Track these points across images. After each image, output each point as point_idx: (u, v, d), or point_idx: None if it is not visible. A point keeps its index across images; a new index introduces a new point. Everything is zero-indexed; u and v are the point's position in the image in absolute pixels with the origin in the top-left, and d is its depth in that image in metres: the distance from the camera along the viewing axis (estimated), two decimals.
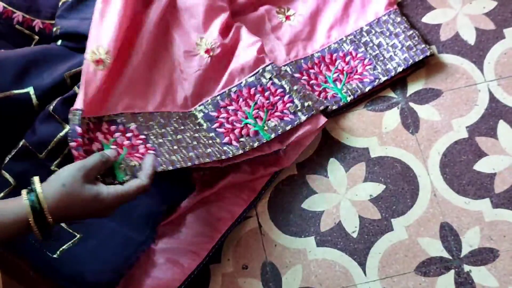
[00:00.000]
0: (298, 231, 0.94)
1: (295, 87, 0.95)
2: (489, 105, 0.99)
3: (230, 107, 0.95)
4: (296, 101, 0.95)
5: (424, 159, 0.97)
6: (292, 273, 0.92)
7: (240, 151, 0.91)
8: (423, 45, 1.01)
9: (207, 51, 0.97)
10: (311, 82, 1.02)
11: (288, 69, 1.02)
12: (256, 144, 0.92)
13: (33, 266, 0.81)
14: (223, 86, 0.97)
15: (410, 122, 0.99)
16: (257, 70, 0.96)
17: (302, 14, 1.08)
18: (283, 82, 0.96)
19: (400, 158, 0.97)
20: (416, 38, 1.02)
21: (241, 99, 0.96)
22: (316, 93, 1.01)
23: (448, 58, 1.03)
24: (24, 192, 0.66)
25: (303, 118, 0.94)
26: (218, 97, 0.96)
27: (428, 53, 1.00)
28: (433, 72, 1.02)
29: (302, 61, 1.03)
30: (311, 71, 1.03)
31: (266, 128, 0.94)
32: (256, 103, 0.96)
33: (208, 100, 0.96)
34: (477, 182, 0.94)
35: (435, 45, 1.04)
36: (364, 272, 0.91)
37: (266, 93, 0.96)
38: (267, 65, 0.96)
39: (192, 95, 0.96)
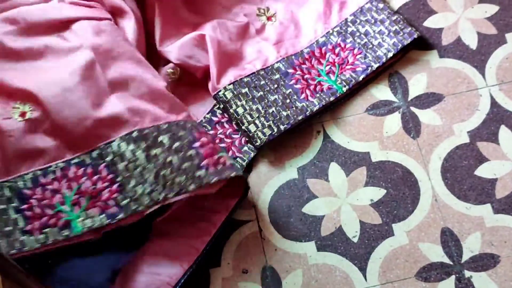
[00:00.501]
0: (298, 236, 0.94)
1: (128, 174, 0.83)
2: (491, 110, 0.99)
3: (49, 186, 0.84)
4: (119, 197, 0.83)
5: (425, 163, 0.96)
6: (292, 278, 0.91)
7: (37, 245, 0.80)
8: (409, 28, 1.02)
9: (21, 114, 0.86)
10: (305, 76, 1.02)
11: (281, 66, 1.02)
12: (61, 238, 0.81)
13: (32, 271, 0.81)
14: (50, 160, 0.84)
15: (411, 126, 0.99)
16: (92, 149, 0.85)
17: (283, 14, 1.08)
18: (120, 167, 0.84)
19: (401, 162, 0.97)
20: (402, 22, 1.03)
21: (64, 180, 0.84)
22: (312, 86, 1.01)
23: (449, 62, 1.03)
24: None
25: (121, 215, 0.82)
26: (39, 172, 0.84)
27: (415, 35, 1.02)
28: (435, 77, 1.02)
29: (293, 57, 1.04)
30: (303, 66, 1.03)
31: (81, 219, 0.82)
32: (79, 187, 0.84)
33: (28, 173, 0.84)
34: (478, 187, 0.94)
35: (437, 50, 1.04)
36: (365, 277, 0.90)
37: (94, 177, 0.84)
38: (107, 143, 0.84)
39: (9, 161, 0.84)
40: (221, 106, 1.00)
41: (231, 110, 0.99)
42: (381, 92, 1.02)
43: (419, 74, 1.03)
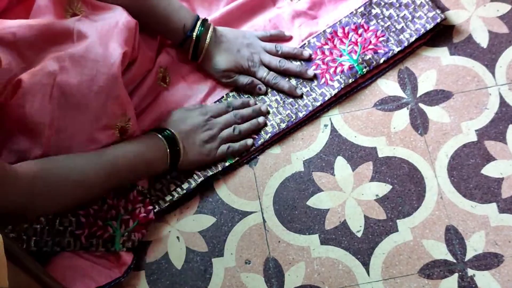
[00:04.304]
0: (302, 228, 0.94)
1: None
2: (499, 109, 0.98)
3: None
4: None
5: (432, 161, 0.96)
6: (295, 270, 0.91)
7: None
8: (433, 12, 1.02)
9: None
10: (326, 59, 1.02)
11: None
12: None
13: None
14: None
15: (419, 123, 0.99)
16: None
17: None
18: None
19: (408, 159, 0.96)
20: (426, 7, 1.02)
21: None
22: (332, 69, 1.01)
23: (460, 60, 1.02)
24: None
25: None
26: None
27: (438, 20, 1.01)
28: (444, 74, 1.02)
29: (315, 39, 1.04)
30: (325, 47, 1.03)
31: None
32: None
33: None
34: (484, 186, 0.94)
35: (447, 47, 1.03)
36: (368, 272, 0.90)
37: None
38: None
39: None
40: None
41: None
42: (390, 87, 1.02)
43: (429, 71, 1.02)
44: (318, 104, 0.99)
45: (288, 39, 1.05)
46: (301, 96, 1.00)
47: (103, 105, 0.83)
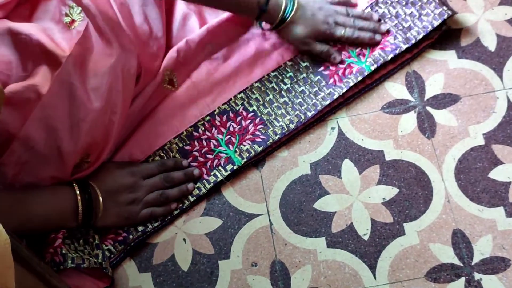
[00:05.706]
0: (309, 231, 0.94)
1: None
2: (507, 113, 0.98)
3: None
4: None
5: (439, 164, 0.96)
6: (302, 273, 0.91)
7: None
8: (440, 9, 1.01)
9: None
10: None
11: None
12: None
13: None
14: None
15: (427, 126, 0.98)
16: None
17: None
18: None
19: (415, 162, 0.96)
20: (433, 4, 1.02)
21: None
22: (341, 71, 1.01)
23: (467, 63, 1.02)
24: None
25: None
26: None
27: (445, 16, 1.01)
28: (452, 77, 1.01)
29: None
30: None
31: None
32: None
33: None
34: (492, 190, 0.94)
35: (455, 50, 1.03)
36: (374, 276, 0.90)
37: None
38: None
39: None
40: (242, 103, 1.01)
41: (254, 107, 1.00)
42: (398, 90, 1.01)
43: (436, 74, 1.02)
44: (326, 103, 0.99)
45: (354, 4, 1.06)
46: (387, 32, 1.02)
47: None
